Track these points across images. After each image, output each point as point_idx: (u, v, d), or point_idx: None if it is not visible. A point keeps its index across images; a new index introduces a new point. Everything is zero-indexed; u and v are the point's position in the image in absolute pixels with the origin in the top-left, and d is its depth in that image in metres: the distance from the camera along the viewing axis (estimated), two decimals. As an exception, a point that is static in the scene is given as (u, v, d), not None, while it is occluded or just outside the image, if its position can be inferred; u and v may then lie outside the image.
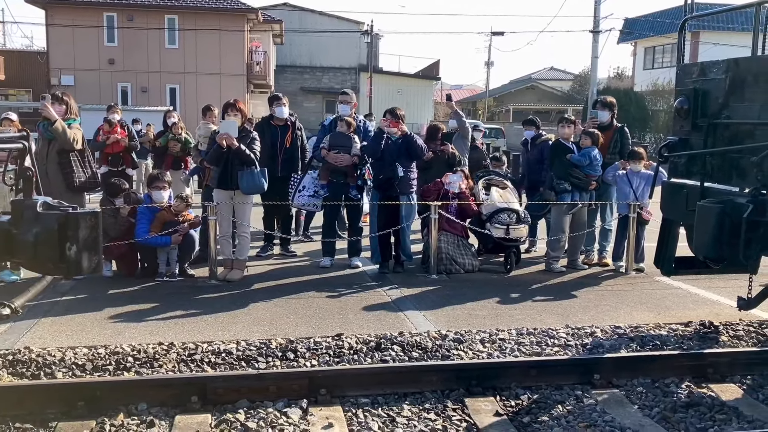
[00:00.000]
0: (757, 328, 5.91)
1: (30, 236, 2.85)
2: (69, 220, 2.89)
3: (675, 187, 5.33)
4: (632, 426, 4.06)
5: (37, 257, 2.91)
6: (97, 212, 3.03)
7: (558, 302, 6.76)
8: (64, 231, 2.88)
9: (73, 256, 2.88)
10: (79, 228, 2.90)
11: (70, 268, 2.92)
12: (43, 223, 2.89)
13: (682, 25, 5.62)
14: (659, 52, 39.23)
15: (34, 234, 2.87)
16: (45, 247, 2.89)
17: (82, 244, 2.90)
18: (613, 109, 8.56)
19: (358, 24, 42.79)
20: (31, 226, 2.88)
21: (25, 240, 2.86)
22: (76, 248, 2.88)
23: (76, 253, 2.88)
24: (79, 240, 2.89)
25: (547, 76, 56.05)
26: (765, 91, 4.62)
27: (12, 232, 2.92)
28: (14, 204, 2.96)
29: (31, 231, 2.87)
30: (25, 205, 2.92)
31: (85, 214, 2.93)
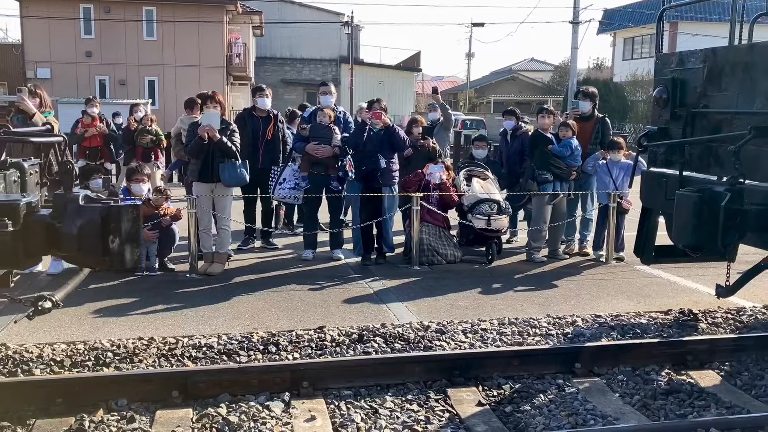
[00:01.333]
0: (735, 315, 5.98)
1: (74, 229, 2.85)
2: (111, 213, 2.90)
3: (654, 176, 5.36)
4: (613, 414, 4.09)
5: (81, 250, 2.91)
6: (138, 204, 3.04)
7: (539, 292, 6.79)
8: (107, 224, 2.89)
9: (116, 249, 2.90)
10: (122, 221, 2.91)
11: (113, 261, 2.94)
12: (87, 217, 2.89)
13: (660, 15, 5.64)
14: (638, 43, 39.47)
15: (78, 227, 2.87)
16: (89, 241, 2.90)
17: (124, 237, 2.91)
18: (595, 99, 8.60)
19: (338, 15, 42.55)
20: (75, 220, 2.88)
21: (70, 233, 2.86)
22: (118, 241, 2.89)
23: (118, 245, 2.90)
24: (122, 233, 2.90)
25: (527, 67, 56.22)
26: (742, 81, 4.66)
27: (56, 225, 2.91)
28: (56, 197, 2.96)
29: (75, 224, 2.87)
30: (68, 199, 2.92)
31: (127, 206, 2.95)
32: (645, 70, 33.73)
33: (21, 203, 2.87)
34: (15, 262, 2.95)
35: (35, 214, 2.96)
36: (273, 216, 8.87)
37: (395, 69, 45.98)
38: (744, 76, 4.65)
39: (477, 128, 32.01)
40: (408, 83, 44.52)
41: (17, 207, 2.82)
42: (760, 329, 5.60)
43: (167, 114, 26.71)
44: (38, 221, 2.96)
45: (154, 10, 29.52)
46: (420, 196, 7.59)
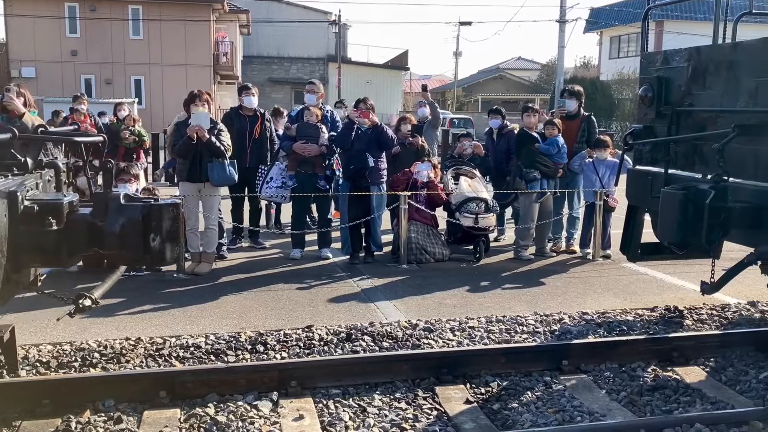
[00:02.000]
0: (719, 311, 6.04)
1: (116, 228, 2.87)
2: (152, 212, 2.93)
3: (640, 174, 5.40)
4: (600, 410, 4.12)
5: (122, 249, 2.93)
6: (177, 203, 3.07)
7: (526, 290, 6.82)
8: (148, 222, 2.91)
9: (156, 247, 2.92)
10: (162, 219, 2.94)
11: (154, 259, 2.98)
12: (128, 215, 2.91)
13: (646, 14, 5.69)
14: (624, 42, 39.69)
15: (120, 225, 2.89)
16: (130, 239, 2.92)
17: (165, 235, 2.94)
18: (581, 98, 8.64)
19: (325, 14, 42.49)
20: (117, 218, 2.90)
21: (112, 232, 2.88)
22: (159, 239, 2.92)
23: (159, 243, 2.92)
24: (162, 231, 2.93)
25: (514, 66, 56.38)
26: (726, 79, 4.70)
27: (98, 224, 2.93)
28: (97, 196, 2.99)
29: (117, 223, 2.89)
30: (109, 198, 2.95)
31: (168, 205, 2.98)
32: (631, 69, 33.92)
33: (64, 202, 2.89)
34: (59, 261, 2.99)
35: (76, 213, 2.98)
36: (260, 215, 8.85)
37: (383, 68, 45.99)
38: (728, 75, 4.69)
39: (465, 127, 32.09)
40: (396, 82, 44.54)
41: (61, 206, 2.84)
42: (745, 325, 5.66)
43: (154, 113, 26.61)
44: (80, 220, 2.98)
45: (140, 9, 29.35)
46: (408, 194, 7.60)
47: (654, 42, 31.99)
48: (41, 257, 3.00)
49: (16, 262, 2.89)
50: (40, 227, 2.83)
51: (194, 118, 7.01)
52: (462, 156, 8.96)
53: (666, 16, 33.47)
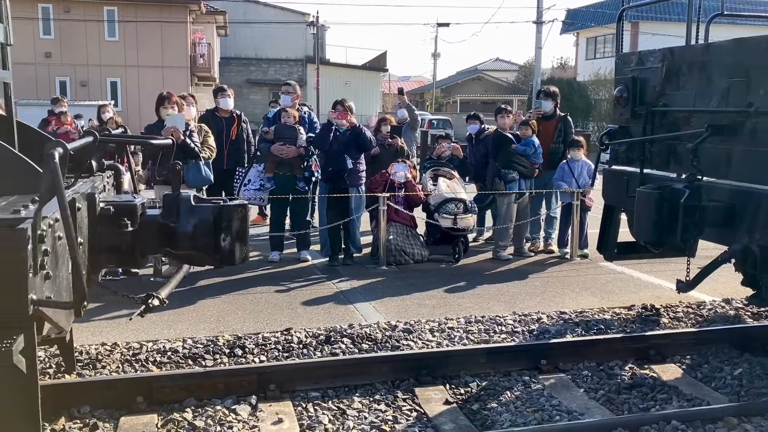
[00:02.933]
0: (695, 309, 6.11)
1: (189, 228, 2.93)
2: (223, 212, 2.98)
3: (616, 174, 5.45)
4: (578, 409, 4.14)
5: (194, 249, 2.99)
6: (245, 204, 3.12)
7: (505, 290, 6.85)
8: (218, 222, 2.97)
9: (227, 246, 2.97)
10: (232, 219, 2.99)
11: (224, 259, 3.02)
12: (200, 216, 2.97)
13: (620, 15, 5.74)
14: (601, 43, 40.04)
15: (192, 226, 2.95)
16: (202, 239, 2.97)
17: (234, 235, 2.99)
18: (556, 98, 8.71)
19: (303, 15, 42.39)
20: (189, 219, 2.96)
21: (185, 232, 2.94)
22: (230, 239, 2.97)
23: (229, 243, 2.98)
24: (232, 231, 2.98)
25: (492, 67, 56.66)
26: (699, 80, 4.76)
27: (169, 225, 2.98)
28: (167, 198, 3.02)
29: (189, 223, 2.95)
30: (180, 199, 2.98)
31: (237, 205, 3.04)
32: (608, 70, 34.21)
33: (138, 204, 2.94)
34: (133, 262, 3.05)
35: (147, 215, 3.04)
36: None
37: (361, 69, 45.98)
38: (701, 75, 4.75)
39: (443, 128, 32.19)
40: (374, 83, 44.55)
41: (135, 208, 2.89)
42: (720, 323, 5.73)
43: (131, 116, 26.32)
44: (151, 221, 3.03)
45: (116, 10, 29.04)
46: (386, 196, 7.60)
47: (630, 43, 32.32)
48: (117, 258, 3.06)
49: (94, 262, 2.94)
50: (116, 228, 2.89)
51: (170, 119, 6.95)
52: (441, 157, 8.98)
53: (641, 17, 33.83)
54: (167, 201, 3.03)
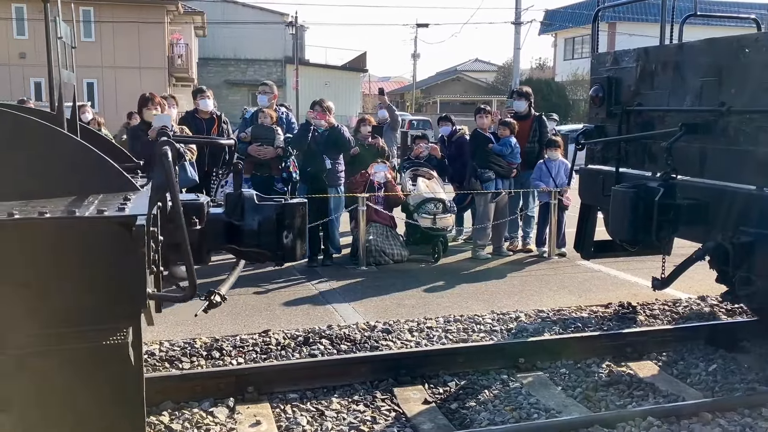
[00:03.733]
0: (671, 306, 6.17)
1: (254, 226, 3.01)
2: (285, 210, 3.07)
3: (592, 173, 5.49)
4: (556, 407, 4.17)
5: (258, 246, 3.07)
6: (304, 202, 3.21)
7: (484, 289, 6.87)
8: (281, 220, 3.06)
9: (289, 243, 3.07)
10: (294, 217, 3.08)
11: (286, 255, 3.11)
12: (264, 214, 3.05)
13: (596, 15, 5.79)
14: (578, 43, 40.37)
15: (257, 224, 3.03)
16: (266, 236, 3.05)
17: (296, 232, 3.08)
18: (529, 98, 8.78)
19: (282, 15, 42.24)
20: (254, 217, 3.04)
21: (251, 230, 3.02)
22: (291, 236, 3.07)
23: (291, 240, 3.07)
24: (294, 228, 3.08)
25: (472, 67, 56.83)
26: (672, 79, 4.81)
27: (234, 222, 3.06)
28: (230, 196, 3.11)
29: (254, 221, 3.04)
30: (244, 198, 3.07)
31: (298, 204, 3.13)
32: (585, 70, 34.51)
33: (204, 202, 3.00)
34: (200, 259, 3.08)
35: (211, 213, 3.10)
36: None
37: (341, 69, 45.91)
38: (674, 75, 4.80)
39: (423, 128, 32.23)
40: (354, 84, 44.50)
41: (202, 206, 2.95)
42: (695, 320, 5.80)
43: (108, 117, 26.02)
44: (217, 219, 3.11)
45: (92, 11, 28.71)
46: (366, 196, 7.59)
47: (607, 43, 32.64)
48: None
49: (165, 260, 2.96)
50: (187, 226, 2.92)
51: (157, 119, 6.90)
52: (419, 157, 8.99)
53: (618, 18, 34.17)
54: (230, 199, 3.11)
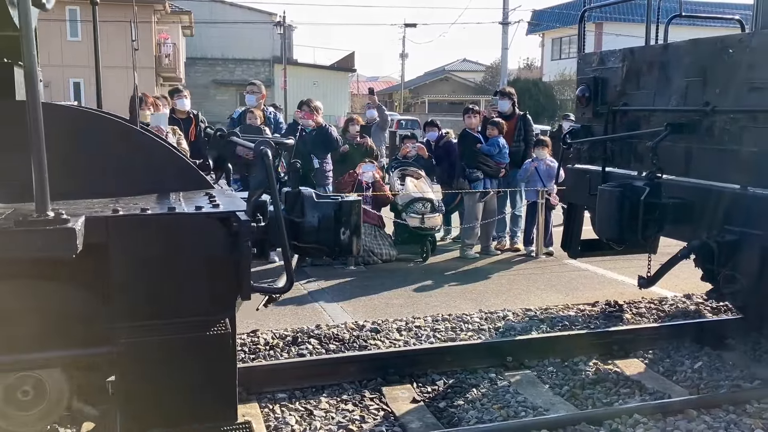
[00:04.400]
0: (657, 304, 6.22)
1: (315, 222, 3.11)
2: (343, 207, 3.14)
3: (578, 172, 5.52)
4: (543, 405, 4.19)
5: (317, 242, 3.15)
6: (359, 200, 3.31)
7: (472, 288, 6.90)
8: (339, 217, 3.13)
9: (346, 240, 3.14)
10: (351, 214, 3.16)
11: (343, 251, 3.20)
12: (323, 211, 3.14)
13: (582, 15, 5.82)
14: (566, 43, 40.50)
15: (317, 220, 3.12)
16: (325, 233, 3.14)
17: (352, 229, 3.17)
18: (513, 97, 8.83)
19: (270, 15, 42.13)
20: (314, 214, 3.13)
21: (311, 226, 3.11)
22: (348, 232, 3.15)
23: (348, 236, 3.15)
24: (351, 225, 3.16)
25: (460, 67, 56.92)
26: (658, 79, 4.85)
27: (295, 220, 3.15)
28: (290, 194, 3.20)
29: (314, 218, 3.13)
30: (303, 196, 3.16)
31: (354, 201, 3.21)
32: (573, 70, 34.59)
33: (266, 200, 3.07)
34: (263, 255, 3.21)
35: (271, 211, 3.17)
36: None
37: (329, 69, 45.86)
38: (660, 75, 4.84)
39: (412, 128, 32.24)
40: (343, 84, 44.46)
41: (266, 204, 3.02)
42: (681, 317, 5.85)
43: (94, 116, 25.87)
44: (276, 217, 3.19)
45: (78, 10, 28.56)
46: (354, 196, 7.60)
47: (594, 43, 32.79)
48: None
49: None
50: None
51: (154, 119, 6.91)
52: (407, 157, 9.01)
53: (605, 18, 34.31)
54: (290, 197, 3.20)
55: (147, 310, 2.59)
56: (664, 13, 5.85)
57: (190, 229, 2.62)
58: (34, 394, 2.59)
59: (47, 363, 2.61)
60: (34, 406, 2.61)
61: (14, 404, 2.59)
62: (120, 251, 2.53)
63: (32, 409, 2.62)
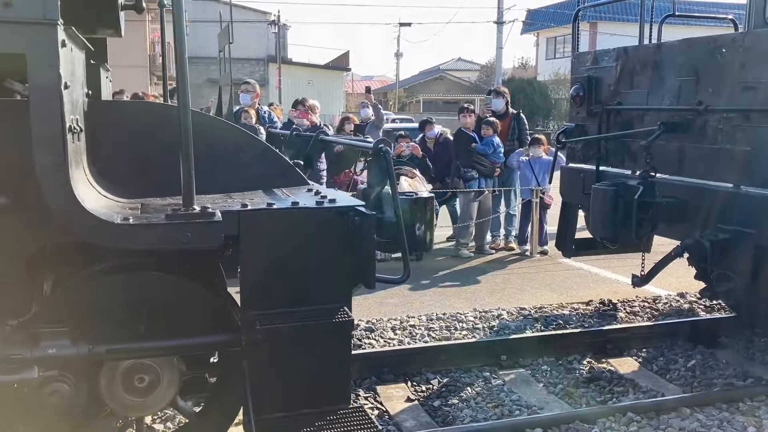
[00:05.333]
0: (651, 303, 6.24)
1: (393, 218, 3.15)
2: (418, 203, 3.28)
3: (573, 171, 5.54)
4: (537, 403, 4.20)
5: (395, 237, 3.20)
6: (433, 196, 3.44)
7: (466, 287, 6.91)
8: (414, 212, 3.25)
9: (421, 234, 3.27)
10: (426, 210, 3.28)
11: (418, 246, 3.34)
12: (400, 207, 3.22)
13: (576, 15, 5.84)
14: (560, 43, 40.55)
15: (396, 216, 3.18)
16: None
17: (426, 224, 3.30)
18: (506, 96, 8.84)
19: (265, 14, 42.07)
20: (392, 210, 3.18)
21: (389, 222, 3.17)
22: (423, 227, 3.29)
23: (423, 232, 3.27)
24: (425, 220, 3.28)
25: (455, 66, 56.95)
26: (651, 79, 4.86)
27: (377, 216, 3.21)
28: (365, 191, 3.29)
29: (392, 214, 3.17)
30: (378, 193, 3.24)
31: (428, 198, 3.35)
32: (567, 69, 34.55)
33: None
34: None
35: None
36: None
37: (324, 68, 45.81)
38: (653, 75, 4.85)
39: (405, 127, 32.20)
40: (337, 83, 44.41)
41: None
42: (674, 316, 5.87)
43: (88, 115, 25.79)
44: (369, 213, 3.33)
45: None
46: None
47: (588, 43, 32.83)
48: None
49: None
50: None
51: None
52: (401, 156, 9.00)
53: (600, 18, 34.38)
54: (366, 194, 3.27)
55: (276, 298, 2.71)
56: (657, 12, 5.86)
57: (314, 221, 2.76)
58: (148, 380, 2.73)
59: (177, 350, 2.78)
60: (149, 392, 2.75)
61: (132, 390, 2.73)
62: (250, 243, 2.66)
63: (147, 395, 2.75)
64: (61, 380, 2.57)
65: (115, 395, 2.73)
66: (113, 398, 2.73)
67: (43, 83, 2.20)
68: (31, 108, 2.21)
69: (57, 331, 2.56)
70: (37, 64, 2.19)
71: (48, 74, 2.19)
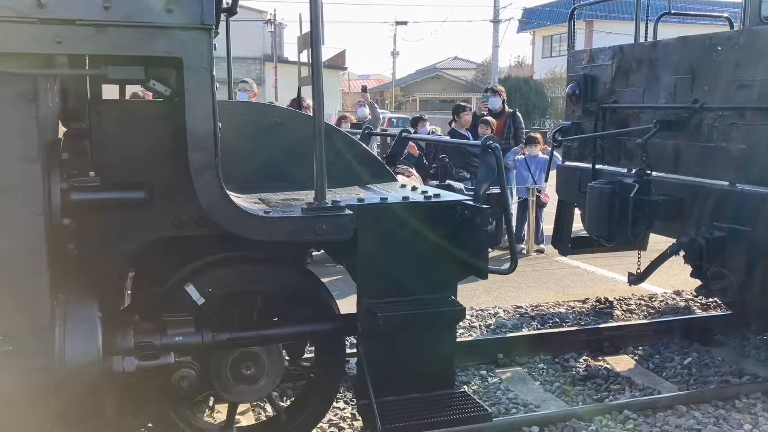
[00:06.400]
0: (647, 301, 6.25)
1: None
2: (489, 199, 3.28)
3: (569, 169, 5.54)
4: (534, 401, 4.21)
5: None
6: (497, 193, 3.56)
7: (462, 286, 6.77)
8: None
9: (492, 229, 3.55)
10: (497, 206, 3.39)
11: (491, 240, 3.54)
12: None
13: (572, 13, 5.84)
14: (556, 41, 40.55)
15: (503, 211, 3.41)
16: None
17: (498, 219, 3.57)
18: (503, 95, 8.85)
19: (261, 13, 42.00)
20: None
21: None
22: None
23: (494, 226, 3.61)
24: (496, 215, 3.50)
25: (451, 65, 56.95)
26: (647, 77, 4.87)
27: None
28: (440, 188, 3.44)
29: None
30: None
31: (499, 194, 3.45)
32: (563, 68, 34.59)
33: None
34: None
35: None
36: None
37: (321, 67, 45.69)
38: (649, 73, 4.86)
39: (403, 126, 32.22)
40: (334, 82, 44.30)
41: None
42: (670, 314, 5.88)
43: (84, 115, 25.69)
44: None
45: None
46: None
47: (585, 41, 32.86)
48: None
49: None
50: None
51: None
52: (399, 155, 9.00)
53: (595, 16, 34.41)
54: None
55: (390, 287, 2.87)
56: (653, 10, 5.88)
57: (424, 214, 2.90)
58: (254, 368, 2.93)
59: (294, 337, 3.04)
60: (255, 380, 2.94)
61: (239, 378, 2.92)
62: (367, 235, 2.81)
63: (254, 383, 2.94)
64: (189, 367, 2.70)
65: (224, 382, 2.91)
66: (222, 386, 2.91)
67: (198, 86, 2.30)
68: (187, 110, 2.31)
69: (182, 319, 2.73)
70: (194, 68, 2.28)
71: (203, 77, 2.30)
